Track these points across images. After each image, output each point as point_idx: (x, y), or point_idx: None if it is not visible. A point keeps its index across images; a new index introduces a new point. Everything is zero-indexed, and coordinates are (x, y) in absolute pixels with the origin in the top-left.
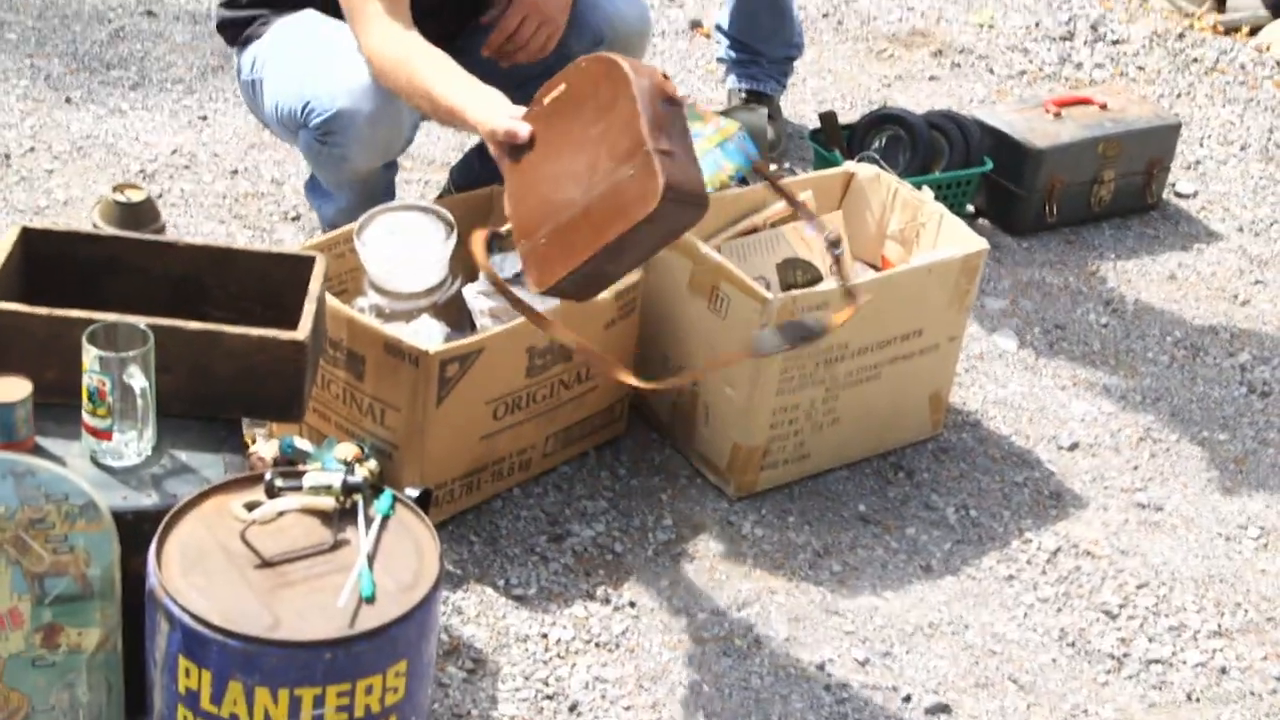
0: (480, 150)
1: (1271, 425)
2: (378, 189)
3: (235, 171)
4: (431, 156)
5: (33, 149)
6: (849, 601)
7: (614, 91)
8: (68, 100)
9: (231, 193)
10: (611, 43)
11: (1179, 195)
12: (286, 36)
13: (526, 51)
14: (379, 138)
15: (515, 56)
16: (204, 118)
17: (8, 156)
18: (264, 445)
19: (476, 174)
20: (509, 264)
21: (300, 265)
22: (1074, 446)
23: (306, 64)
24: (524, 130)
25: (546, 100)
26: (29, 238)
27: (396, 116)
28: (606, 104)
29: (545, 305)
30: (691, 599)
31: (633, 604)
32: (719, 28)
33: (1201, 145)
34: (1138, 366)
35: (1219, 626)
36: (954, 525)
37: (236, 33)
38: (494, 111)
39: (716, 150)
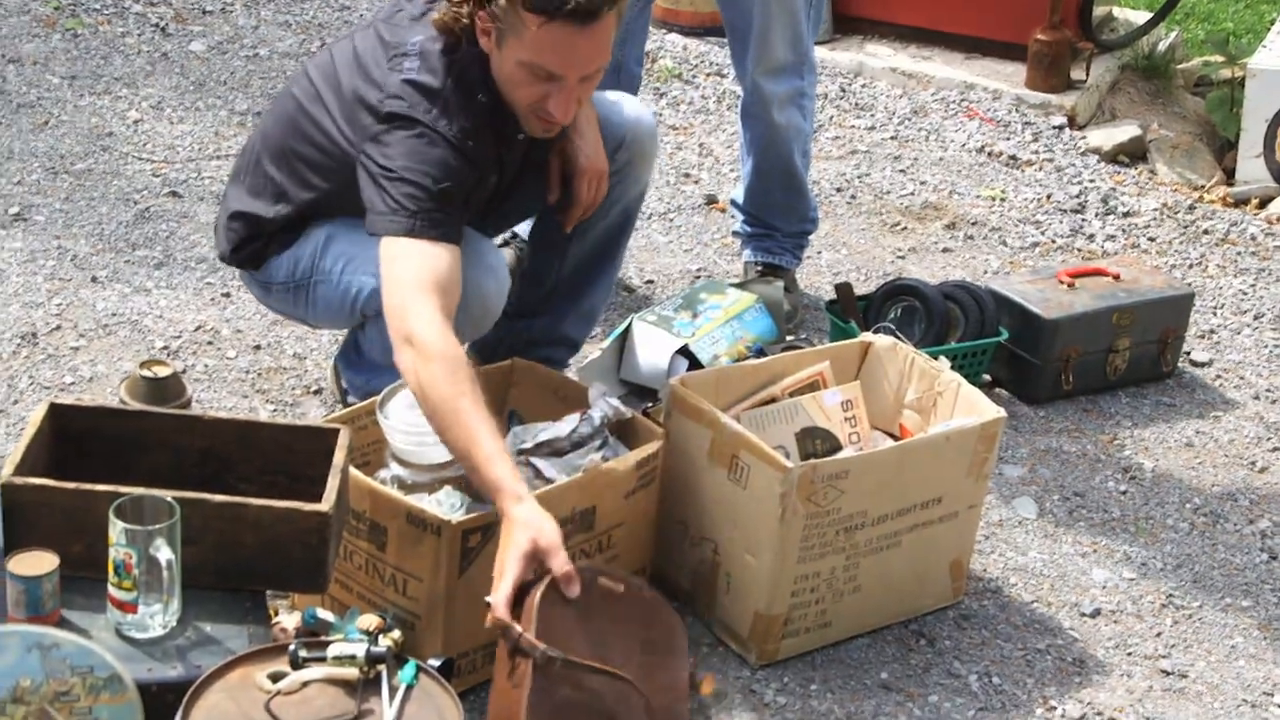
0: (497, 329)
1: None
2: None
3: (258, 347)
4: None
5: (59, 327)
6: None
7: (668, 646)
8: (94, 279)
9: (254, 368)
10: (632, 144)
11: (1194, 364)
12: (345, 235)
13: (593, 207)
14: (489, 314)
15: (586, 216)
16: (227, 295)
17: (34, 335)
18: (287, 616)
19: (504, 340)
20: (530, 434)
21: (324, 438)
22: (1096, 613)
23: None
24: (576, 589)
25: (601, 580)
26: (57, 413)
27: (504, 297)
28: (656, 645)
29: (563, 472)
30: None
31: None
32: (734, 203)
33: (1215, 315)
34: (1158, 533)
35: None
36: (977, 693)
37: (249, 255)
38: (543, 526)
39: (734, 321)
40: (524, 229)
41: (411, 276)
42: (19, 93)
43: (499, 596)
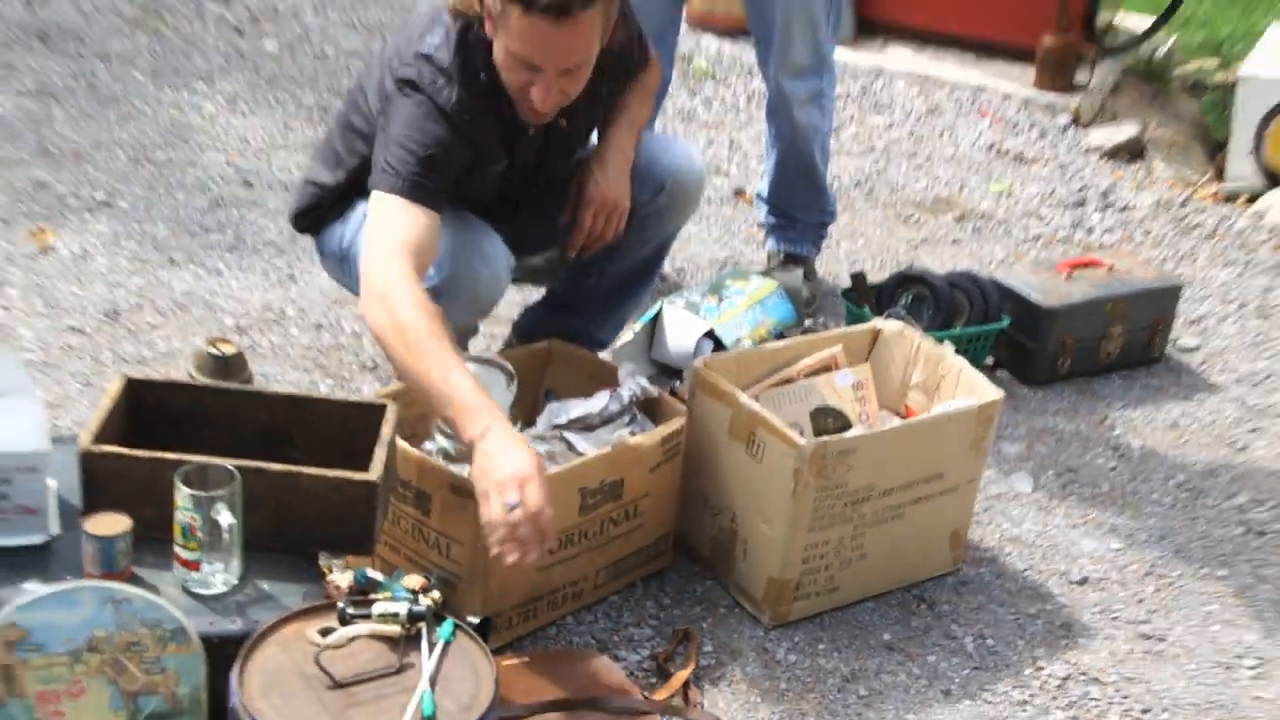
0: (543, 304)
1: (1267, 563)
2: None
3: (319, 326)
4: (496, 313)
5: (139, 305)
6: None
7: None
8: (171, 261)
9: (316, 345)
10: (672, 190)
11: (1182, 350)
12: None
13: (602, 240)
14: (481, 300)
15: (593, 246)
16: (292, 277)
17: (117, 312)
18: (340, 575)
19: (542, 327)
20: (564, 410)
21: (374, 412)
22: (1084, 581)
23: None
24: (536, 550)
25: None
26: (132, 387)
27: (499, 285)
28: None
29: (593, 445)
30: (729, 718)
31: None
32: (760, 195)
33: (1203, 304)
34: (1143, 507)
35: None
36: (972, 653)
37: (312, 221)
38: (530, 455)
39: (756, 307)
40: None
41: (388, 235)
42: (106, 87)
43: (493, 512)
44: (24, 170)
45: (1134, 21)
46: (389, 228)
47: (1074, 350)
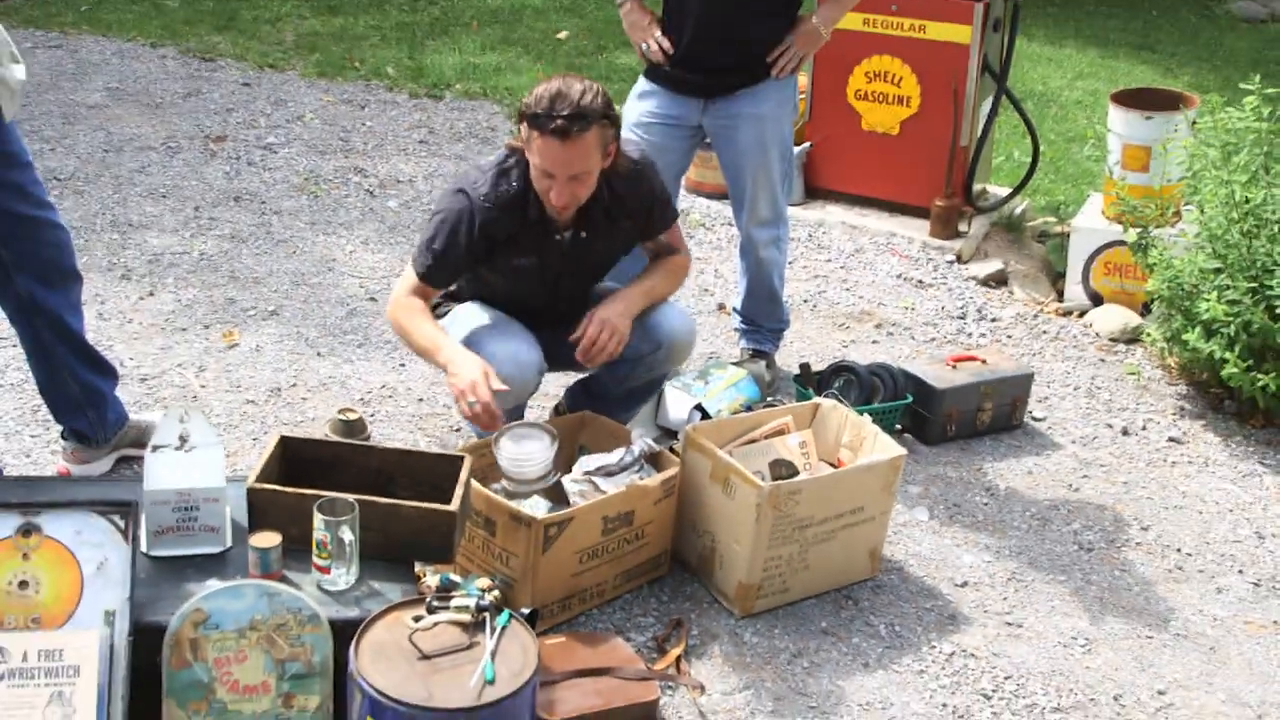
0: (581, 391)
1: (1094, 570)
2: (512, 415)
3: (421, 399)
4: (545, 390)
5: (294, 385)
6: (814, 687)
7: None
8: (317, 354)
9: (417, 413)
10: (668, 346)
11: (1034, 419)
12: (460, 317)
13: (605, 353)
14: (515, 394)
15: (596, 358)
16: (402, 365)
17: (279, 390)
18: (430, 577)
19: (580, 403)
20: (592, 461)
21: (456, 461)
22: (965, 584)
23: (474, 336)
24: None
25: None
26: (286, 442)
27: (528, 387)
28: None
29: (613, 486)
30: (709, 683)
31: (671, 686)
32: (735, 309)
33: (1049, 387)
34: (1007, 532)
35: (1058, 704)
36: (884, 636)
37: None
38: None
39: (732, 388)
40: None
41: (405, 285)
42: (279, 233)
43: (465, 409)
44: (220, 291)
45: (999, 190)
46: (407, 284)
47: (958, 419)
